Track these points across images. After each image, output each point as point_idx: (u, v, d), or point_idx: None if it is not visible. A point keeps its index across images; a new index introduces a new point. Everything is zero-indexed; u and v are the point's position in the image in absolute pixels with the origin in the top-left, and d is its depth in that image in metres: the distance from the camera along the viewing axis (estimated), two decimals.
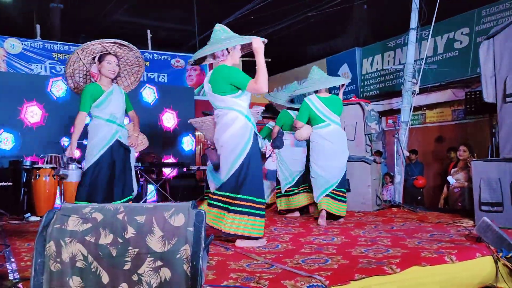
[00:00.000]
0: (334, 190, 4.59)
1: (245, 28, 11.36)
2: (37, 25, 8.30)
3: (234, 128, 3.30)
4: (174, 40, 12.87)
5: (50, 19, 9.95)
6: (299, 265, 2.71)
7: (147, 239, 2.02)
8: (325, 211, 4.51)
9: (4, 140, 6.67)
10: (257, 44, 3.30)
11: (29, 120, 6.92)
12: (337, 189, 4.62)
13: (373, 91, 9.38)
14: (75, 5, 10.47)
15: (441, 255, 2.81)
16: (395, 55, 8.92)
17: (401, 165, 6.41)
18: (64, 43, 8.31)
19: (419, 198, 7.86)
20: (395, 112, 8.76)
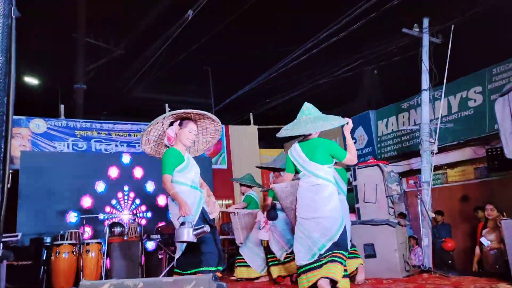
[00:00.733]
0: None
1: (259, 97, 11.75)
2: (61, 105, 8.71)
3: (335, 202, 3.80)
4: None
5: (74, 99, 10.48)
6: None
7: None
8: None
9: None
10: (350, 124, 3.98)
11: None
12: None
13: (391, 152, 9.33)
14: (97, 85, 11.07)
15: None
16: (409, 116, 8.97)
17: (427, 227, 6.18)
18: (86, 120, 8.65)
19: (450, 262, 7.46)
20: (415, 173, 8.62)
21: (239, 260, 5.75)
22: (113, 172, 7.77)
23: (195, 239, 3.30)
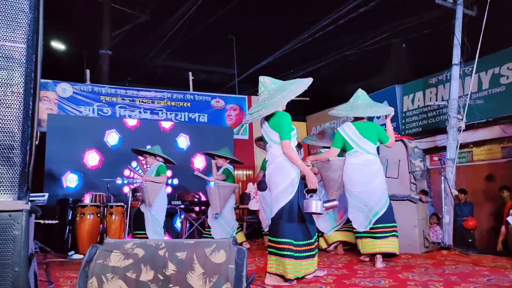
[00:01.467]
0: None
1: (283, 68, 11.58)
2: (87, 70, 8.79)
3: (382, 176, 4.34)
4: (214, 82, 13.26)
5: (99, 64, 10.56)
6: None
7: (188, 276, 1.97)
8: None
9: (69, 180, 7.22)
10: (392, 113, 4.57)
11: (89, 163, 7.37)
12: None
13: (415, 128, 9.14)
14: (122, 51, 11.09)
15: None
16: (437, 91, 8.72)
17: (449, 204, 6.09)
18: (111, 86, 8.73)
19: (470, 240, 7.39)
20: (439, 150, 8.45)
21: (206, 232, 6.06)
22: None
23: (324, 211, 3.34)
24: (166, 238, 5.44)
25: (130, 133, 7.73)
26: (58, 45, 11.91)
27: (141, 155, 6.09)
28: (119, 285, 1.99)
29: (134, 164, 7.48)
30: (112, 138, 7.72)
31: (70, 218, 6.05)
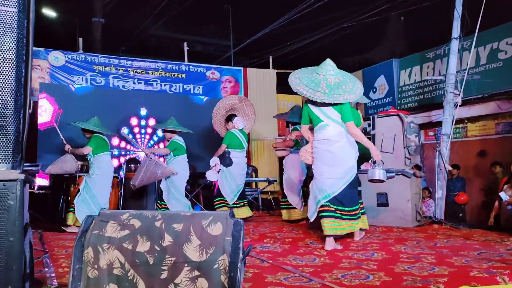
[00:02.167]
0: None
1: (279, 40, 11.40)
2: (80, 39, 8.58)
3: None
4: (209, 53, 13.07)
5: (92, 33, 10.32)
6: (338, 280, 2.59)
7: (184, 247, 1.97)
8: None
9: None
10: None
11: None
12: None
13: (411, 103, 9.12)
14: (115, 20, 10.83)
15: (492, 275, 2.62)
16: (434, 66, 8.66)
17: (442, 179, 6.14)
18: (105, 56, 8.55)
19: (461, 215, 7.50)
20: (434, 125, 8.47)
21: (162, 206, 6.04)
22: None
23: (386, 179, 4.08)
24: (162, 211, 5.45)
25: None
26: (49, 12, 11.60)
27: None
28: (115, 255, 1.99)
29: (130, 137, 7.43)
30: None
31: (64, 188, 6.03)
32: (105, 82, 8.33)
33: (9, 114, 1.70)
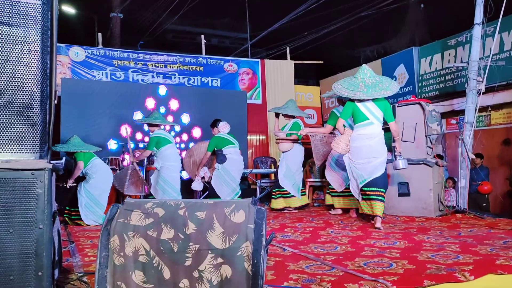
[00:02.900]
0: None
1: (296, 31, 11.32)
2: (99, 34, 8.70)
3: None
4: (226, 46, 13.07)
5: (111, 28, 10.43)
6: (361, 268, 2.58)
7: (208, 235, 1.99)
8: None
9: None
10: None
11: None
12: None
13: (433, 91, 8.95)
14: (133, 14, 10.93)
15: None
16: (456, 53, 8.47)
17: (466, 168, 6.03)
18: (124, 50, 8.65)
19: (484, 204, 7.36)
20: (456, 114, 8.29)
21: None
22: (150, 103, 7.91)
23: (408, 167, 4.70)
24: (185, 199, 5.49)
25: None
26: (68, 9, 11.77)
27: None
28: (140, 243, 2.02)
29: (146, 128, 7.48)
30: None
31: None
32: (124, 77, 8.43)
33: (36, 105, 1.74)
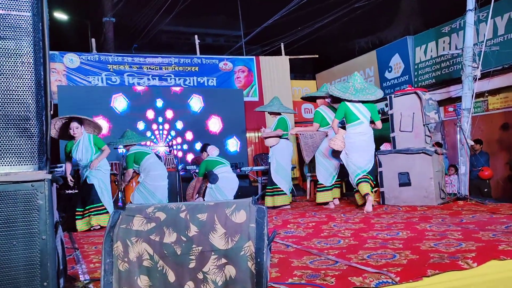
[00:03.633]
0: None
1: (290, 26, 11.31)
2: (93, 39, 8.69)
3: None
4: (220, 45, 13.05)
5: (104, 32, 10.42)
6: (365, 261, 2.60)
7: (210, 236, 2.00)
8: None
9: None
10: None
11: None
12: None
13: (429, 80, 8.96)
14: (126, 18, 10.91)
15: None
16: (450, 40, 8.47)
17: (465, 155, 6.04)
18: (118, 54, 8.66)
19: (486, 190, 7.39)
20: (453, 101, 8.31)
21: None
22: (150, 114, 8.08)
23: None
24: (186, 202, 5.55)
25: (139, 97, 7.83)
26: (61, 15, 11.74)
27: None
28: (143, 247, 2.04)
29: (148, 133, 7.50)
30: (120, 103, 7.72)
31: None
32: (120, 81, 8.43)
33: (32, 117, 1.75)
